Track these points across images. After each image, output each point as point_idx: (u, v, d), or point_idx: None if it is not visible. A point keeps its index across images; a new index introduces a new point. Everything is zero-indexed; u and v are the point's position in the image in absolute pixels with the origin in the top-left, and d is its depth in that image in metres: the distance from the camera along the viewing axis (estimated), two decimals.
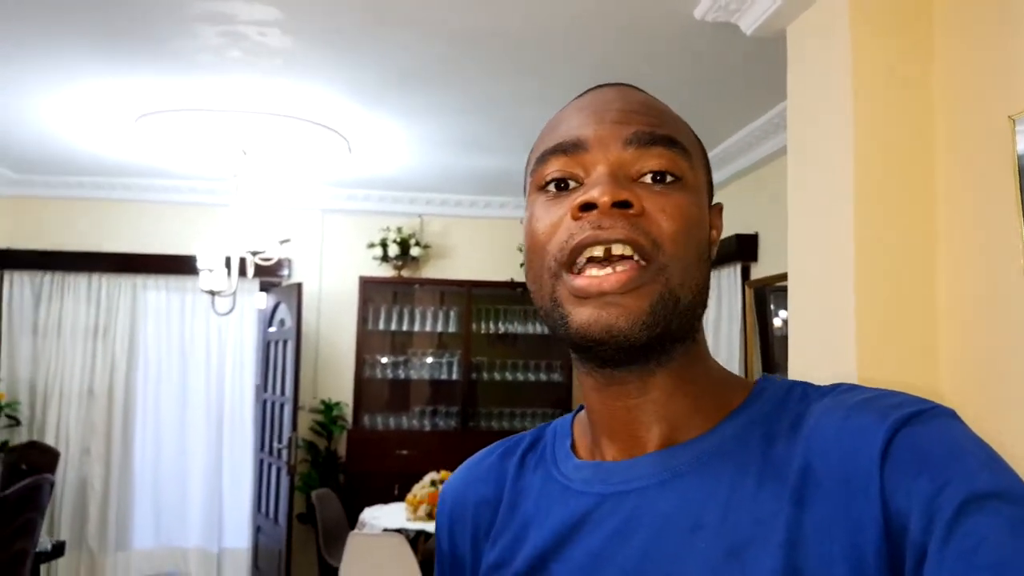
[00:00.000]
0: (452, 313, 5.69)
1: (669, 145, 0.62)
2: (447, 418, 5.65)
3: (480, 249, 5.85)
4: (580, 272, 0.59)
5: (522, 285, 5.66)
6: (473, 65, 3.26)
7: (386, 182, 5.36)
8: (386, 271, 5.67)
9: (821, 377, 0.69)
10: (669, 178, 0.61)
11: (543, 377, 5.69)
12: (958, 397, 1.89)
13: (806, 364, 2.23)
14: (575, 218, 0.60)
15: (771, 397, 0.64)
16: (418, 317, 5.69)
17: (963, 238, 1.95)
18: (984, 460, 0.51)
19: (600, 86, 0.69)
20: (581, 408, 0.72)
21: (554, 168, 0.63)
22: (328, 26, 2.91)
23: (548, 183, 0.63)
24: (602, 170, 0.61)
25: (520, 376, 5.70)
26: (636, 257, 0.58)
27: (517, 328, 5.74)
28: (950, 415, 0.55)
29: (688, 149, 0.63)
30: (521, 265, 5.56)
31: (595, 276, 0.58)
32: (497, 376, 5.69)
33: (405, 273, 5.68)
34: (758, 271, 4.10)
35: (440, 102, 3.73)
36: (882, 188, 2.04)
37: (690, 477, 0.61)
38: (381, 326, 5.63)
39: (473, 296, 5.68)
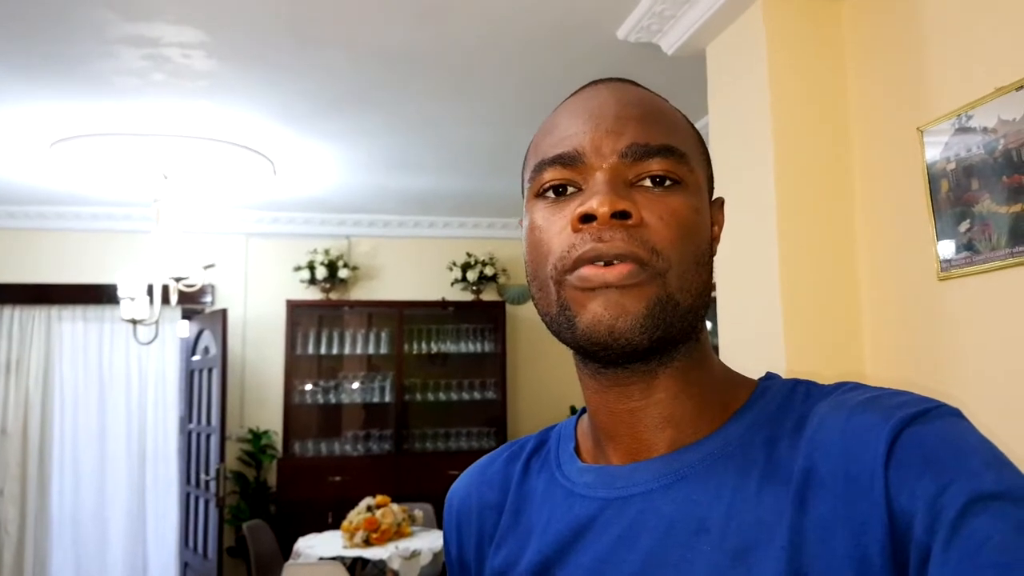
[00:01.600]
0: (383, 335, 5.64)
1: (666, 155, 0.62)
2: (380, 442, 5.57)
3: (410, 269, 5.83)
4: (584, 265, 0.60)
5: (453, 304, 5.68)
6: (401, 87, 3.27)
7: (313, 204, 5.30)
8: (314, 294, 5.59)
9: None
10: (668, 181, 0.62)
11: (477, 396, 5.68)
12: None
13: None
14: (575, 229, 0.60)
15: (774, 397, 0.64)
16: (348, 340, 5.61)
17: (881, 244, 2.06)
18: (989, 460, 0.51)
19: (596, 83, 0.68)
20: (584, 411, 0.72)
21: (551, 176, 0.63)
22: (254, 48, 2.88)
23: (546, 190, 0.64)
24: (600, 178, 0.61)
25: (454, 395, 5.67)
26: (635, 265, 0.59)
27: (450, 347, 5.73)
28: (955, 414, 0.55)
29: (686, 152, 0.63)
30: (452, 284, 5.62)
31: (599, 267, 0.59)
32: (431, 397, 5.65)
33: (334, 296, 5.61)
34: None
35: (368, 123, 3.72)
36: (802, 199, 2.14)
37: (694, 480, 0.61)
38: (310, 350, 5.54)
39: (404, 317, 5.64)
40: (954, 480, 0.49)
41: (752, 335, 2.25)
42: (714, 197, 0.69)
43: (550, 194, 0.64)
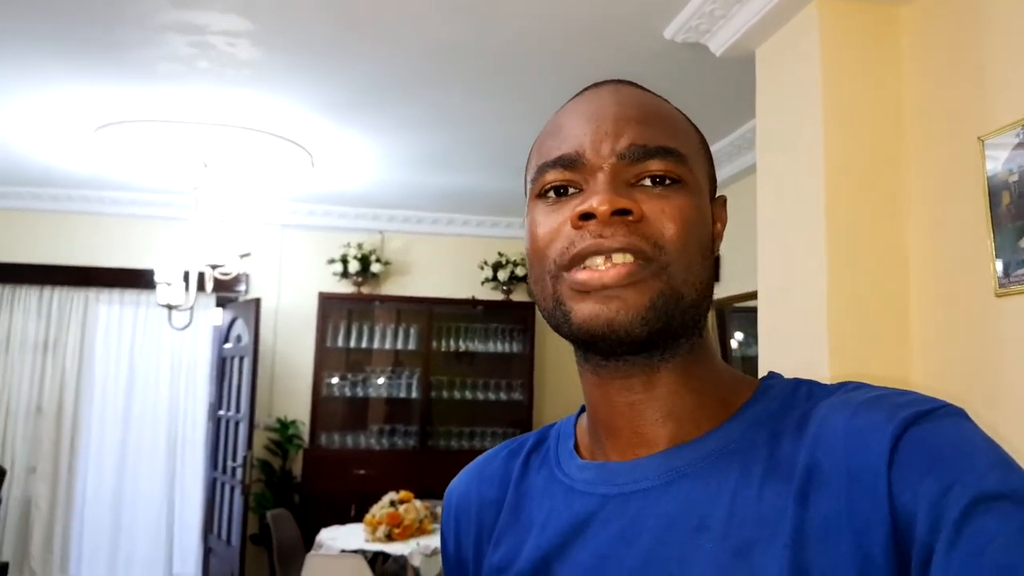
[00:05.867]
0: (412, 331, 5.64)
1: (664, 155, 0.62)
2: (405, 437, 5.58)
3: (441, 266, 5.83)
4: (581, 268, 0.61)
5: (483, 303, 5.66)
6: (443, 81, 3.26)
7: (348, 198, 5.32)
8: (345, 287, 5.61)
9: None
10: (668, 180, 0.62)
11: (503, 396, 5.67)
12: None
13: None
14: (575, 227, 0.60)
15: (777, 395, 0.64)
16: (377, 334, 5.63)
17: (935, 257, 2.00)
18: (994, 460, 0.51)
19: (598, 85, 0.69)
20: (583, 410, 0.72)
21: (553, 177, 0.64)
22: (299, 38, 2.88)
23: (548, 190, 0.64)
24: (601, 178, 0.61)
25: (480, 395, 5.66)
26: (637, 261, 0.60)
27: (477, 346, 5.72)
28: (960, 414, 0.55)
29: (684, 153, 0.64)
30: (483, 283, 5.61)
31: (596, 270, 0.59)
32: (457, 395, 5.64)
33: (365, 290, 5.62)
34: (720, 291, 4.16)
35: (407, 117, 3.72)
36: (853, 208, 2.08)
37: (695, 477, 0.61)
38: (339, 343, 5.56)
39: (434, 314, 5.64)
40: (958, 480, 0.49)
41: (796, 345, 2.20)
42: (717, 195, 0.70)
43: (551, 194, 0.64)
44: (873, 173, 2.10)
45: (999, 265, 1.74)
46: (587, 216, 0.60)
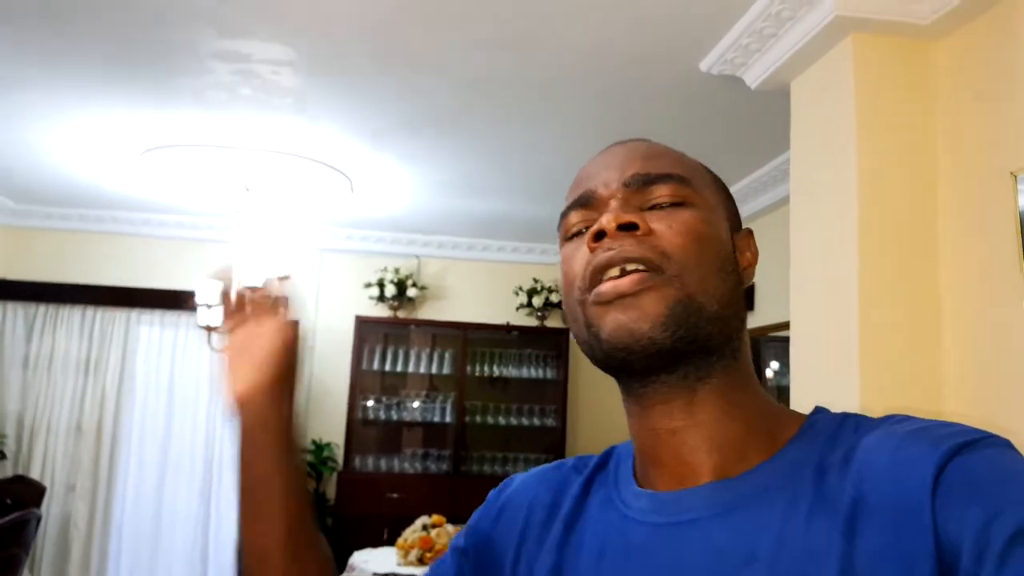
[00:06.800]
0: (447, 355, 5.67)
1: (667, 180, 0.66)
2: (439, 462, 5.58)
3: (477, 292, 5.86)
4: (600, 282, 0.64)
5: (518, 329, 5.67)
6: (480, 110, 3.30)
7: (385, 223, 5.39)
8: (381, 311, 5.66)
9: None
10: (675, 200, 0.66)
11: (536, 422, 5.65)
12: None
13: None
14: (591, 249, 0.64)
15: (824, 429, 0.64)
16: (412, 358, 5.66)
17: (968, 293, 1.97)
18: None
19: (615, 143, 0.74)
20: None
21: (574, 220, 0.69)
22: (340, 67, 2.95)
23: (572, 234, 0.69)
24: (612, 204, 0.66)
25: (514, 420, 5.65)
26: (647, 270, 0.62)
27: (511, 372, 5.72)
28: (1005, 444, 0.55)
29: (688, 178, 0.67)
30: (517, 309, 5.62)
31: (612, 280, 0.62)
32: (490, 420, 5.64)
33: (401, 314, 5.67)
34: (754, 320, 4.12)
35: (445, 145, 3.77)
36: (886, 241, 2.06)
37: (744, 510, 0.61)
38: (375, 366, 5.60)
39: (468, 339, 5.67)
40: (1003, 510, 0.49)
41: (828, 377, 2.17)
42: (743, 228, 0.72)
43: (574, 236, 0.69)
44: (906, 206, 2.08)
45: None
46: (600, 236, 0.64)
